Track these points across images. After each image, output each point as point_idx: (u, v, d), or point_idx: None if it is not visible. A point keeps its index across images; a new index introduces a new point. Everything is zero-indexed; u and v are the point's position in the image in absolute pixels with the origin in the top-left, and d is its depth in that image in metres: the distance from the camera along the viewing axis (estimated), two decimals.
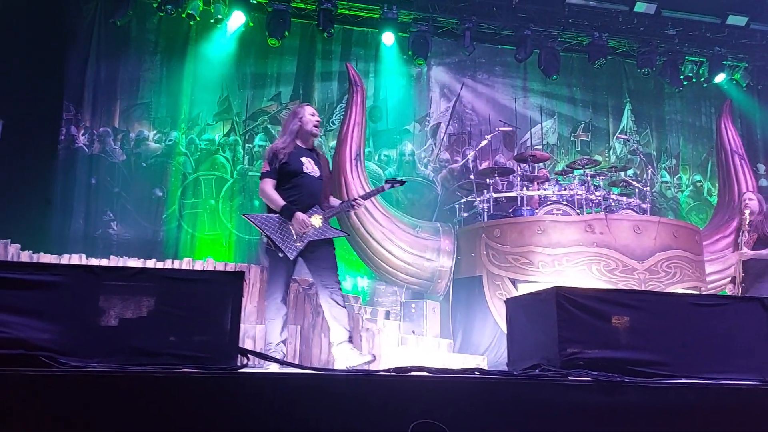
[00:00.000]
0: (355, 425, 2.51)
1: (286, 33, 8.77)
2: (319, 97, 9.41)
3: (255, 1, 8.78)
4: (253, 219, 4.32)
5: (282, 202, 4.19)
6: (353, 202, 4.53)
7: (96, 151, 8.51)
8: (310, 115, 4.37)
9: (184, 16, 8.52)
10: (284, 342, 4.30)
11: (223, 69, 9.07)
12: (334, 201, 4.62)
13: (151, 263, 5.88)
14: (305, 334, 5.62)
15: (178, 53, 8.97)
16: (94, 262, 5.80)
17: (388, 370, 2.95)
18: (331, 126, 9.29)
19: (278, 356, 4.04)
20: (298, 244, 4.16)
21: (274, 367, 3.60)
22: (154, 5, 8.56)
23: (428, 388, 2.70)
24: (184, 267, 5.89)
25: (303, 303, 5.74)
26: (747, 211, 5.68)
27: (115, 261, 5.96)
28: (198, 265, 6.03)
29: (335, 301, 4.29)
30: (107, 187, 8.45)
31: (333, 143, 8.95)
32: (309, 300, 5.74)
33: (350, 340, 4.27)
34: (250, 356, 3.29)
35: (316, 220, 4.24)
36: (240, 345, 3.00)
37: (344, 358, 4.18)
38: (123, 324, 2.74)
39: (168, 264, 6.05)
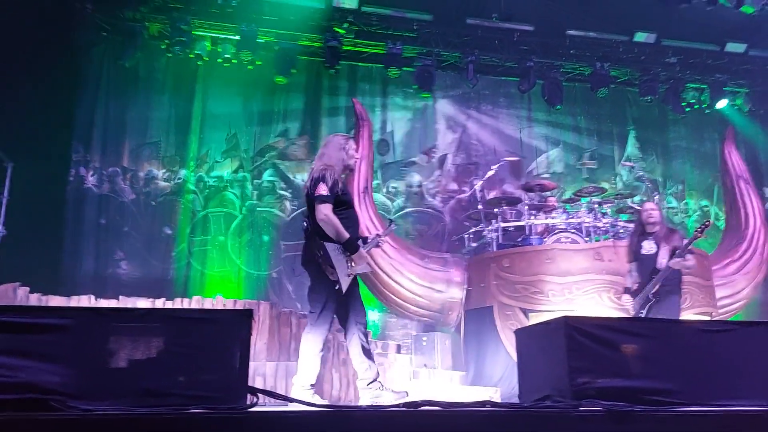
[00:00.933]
0: None
1: (293, 70, 8.95)
2: (327, 132, 9.52)
3: (262, 40, 8.98)
4: (327, 246, 4.00)
5: (347, 234, 4.02)
6: (378, 239, 4.53)
7: (105, 191, 8.62)
8: (353, 150, 4.33)
9: (191, 56, 8.72)
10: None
11: (231, 107, 9.22)
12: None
13: (160, 302, 5.90)
14: None
15: (186, 92, 9.15)
16: (103, 303, 5.81)
17: (398, 405, 2.94)
18: None
19: (309, 398, 3.82)
20: (349, 278, 4.04)
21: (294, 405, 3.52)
22: (162, 46, 8.77)
23: (438, 423, 2.69)
24: (193, 305, 5.90)
25: None
26: (651, 220, 5.50)
27: (124, 301, 5.98)
28: (207, 303, 6.04)
29: (366, 338, 4.19)
30: (117, 227, 8.53)
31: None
32: None
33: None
34: (260, 395, 3.29)
35: None
36: (250, 383, 3.01)
37: (376, 397, 3.98)
38: (132, 365, 2.76)
39: (177, 302, 6.07)
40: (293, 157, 9.37)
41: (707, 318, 6.51)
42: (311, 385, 3.94)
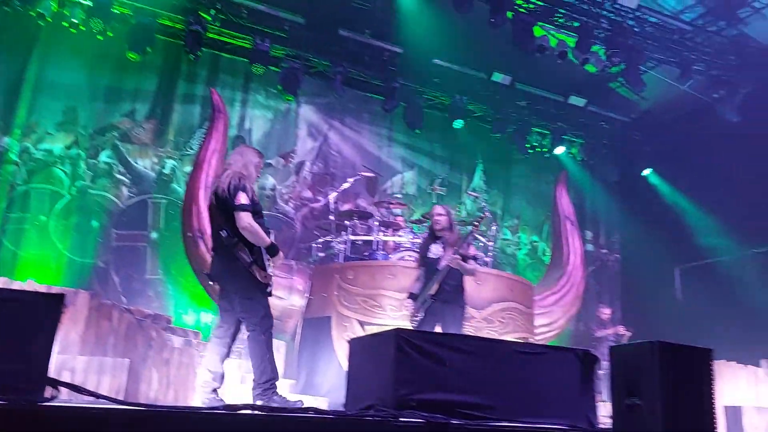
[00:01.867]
0: None
1: (149, 49, 8.36)
2: (179, 119, 9.04)
3: (117, 11, 8.32)
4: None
5: (268, 240, 4.10)
6: None
7: None
8: (261, 168, 4.41)
9: (33, 14, 7.85)
10: None
11: (74, 77, 8.41)
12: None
13: None
14: (135, 368, 5.20)
15: (22, 53, 8.21)
16: None
17: (217, 408, 2.80)
18: (188, 151, 8.94)
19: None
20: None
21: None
22: None
23: (259, 427, 2.59)
24: None
25: (135, 335, 5.32)
26: (437, 227, 5.39)
27: None
28: (16, 287, 5.39)
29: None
30: None
31: (188, 169, 8.60)
32: (142, 332, 5.34)
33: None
34: (62, 388, 2.97)
35: None
36: (55, 376, 2.71)
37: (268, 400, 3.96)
38: None
39: None
40: (137, 140, 8.74)
41: (521, 341, 6.99)
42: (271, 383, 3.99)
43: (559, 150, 11.05)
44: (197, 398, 4.10)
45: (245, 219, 3.94)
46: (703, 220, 9.98)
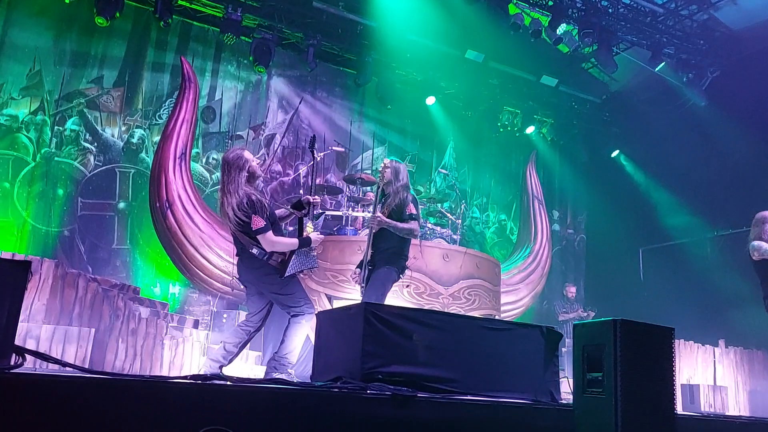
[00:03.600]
0: (142, 431, 2.36)
1: (118, 14, 8.12)
2: (147, 87, 8.84)
3: None
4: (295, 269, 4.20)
5: (296, 240, 4.25)
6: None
7: None
8: (254, 162, 4.29)
9: None
10: None
11: (39, 40, 8.16)
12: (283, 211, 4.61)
13: None
14: (100, 338, 5.17)
15: None
16: None
17: (186, 377, 2.81)
18: (157, 120, 8.77)
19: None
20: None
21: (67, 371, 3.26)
22: None
23: (226, 397, 2.62)
24: None
25: (101, 305, 5.28)
26: (382, 181, 5.04)
27: None
28: None
29: None
30: None
31: (157, 138, 8.46)
32: (108, 302, 5.30)
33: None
34: (28, 356, 2.94)
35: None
36: (20, 345, 2.68)
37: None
38: None
39: None
40: (105, 108, 8.54)
41: (487, 317, 7.14)
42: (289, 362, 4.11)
43: (530, 129, 11.15)
44: (204, 365, 4.30)
45: (268, 239, 4.09)
46: (668, 202, 10.22)
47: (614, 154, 11.39)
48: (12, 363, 2.54)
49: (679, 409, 6.34)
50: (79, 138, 8.30)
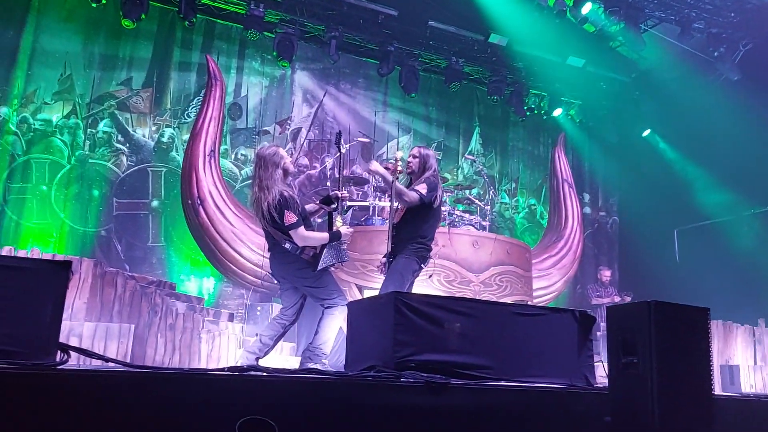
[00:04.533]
0: (182, 423, 2.43)
1: (143, 16, 8.25)
2: (175, 87, 8.98)
3: None
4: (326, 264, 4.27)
5: (327, 234, 4.31)
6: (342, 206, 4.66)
7: None
8: (288, 160, 4.36)
9: None
10: None
11: (69, 45, 8.34)
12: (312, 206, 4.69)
13: None
14: (140, 333, 5.31)
15: (16, 22, 8.11)
16: None
17: (223, 369, 2.88)
18: (186, 119, 8.91)
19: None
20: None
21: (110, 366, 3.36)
22: None
23: (262, 387, 2.68)
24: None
25: (139, 301, 5.42)
26: (408, 170, 4.87)
27: None
28: (21, 255, 5.47)
29: None
30: None
31: (187, 137, 8.59)
32: (146, 299, 5.43)
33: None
34: (73, 353, 3.05)
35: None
36: (64, 342, 2.78)
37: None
38: None
39: None
40: (135, 109, 8.70)
41: (519, 303, 7.10)
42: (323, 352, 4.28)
43: (557, 112, 11.01)
44: (240, 357, 4.42)
45: (300, 234, 4.18)
46: (703, 180, 10.01)
47: (645, 133, 11.17)
48: (57, 360, 2.64)
49: (718, 390, 6.25)
50: (112, 139, 8.49)
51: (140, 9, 8.15)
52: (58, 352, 2.66)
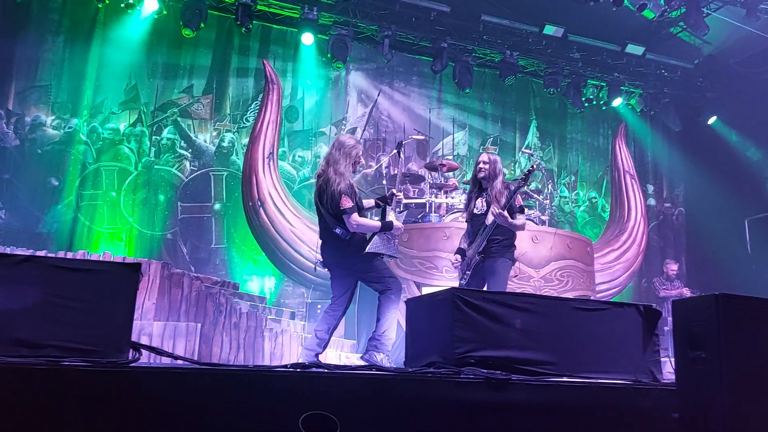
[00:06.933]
0: (247, 417, 2.51)
1: (202, 24, 8.53)
2: (234, 92, 9.24)
3: None
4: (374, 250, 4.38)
5: (378, 223, 4.45)
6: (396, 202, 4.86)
7: None
8: (360, 154, 4.57)
9: None
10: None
11: (133, 56, 8.70)
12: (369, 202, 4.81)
13: (41, 255, 5.54)
14: (206, 332, 5.50)
15: (84, 35, 8.54)
16: None
17: (286, 366, 2.96)
18: (245, 123, 9.15)
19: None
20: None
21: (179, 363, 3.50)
22: None
23: (324, 383, 2.73)
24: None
25: (205, 302, 5.61)
26: (481, 175, 4.94)
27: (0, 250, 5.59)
28: (94, 259, 5.76)
29: None
30: None
31: (246, 141, 8.82)
32: (211, 299, 5.62)
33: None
34: (144, 351, 3.19)
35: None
36: (136, 340, 2.92)
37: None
38: (5, 315, 2.59)
39: (60, 256, 5.73)
40: (196, 115, 9.01)
41: (581, 298, 6.95)
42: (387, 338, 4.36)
43: (617, 102, 10.69)
44: (300, 355, 4.56)
45: (354, 220, 4.31)
46: None
47: (711, 120, 10.72)
48: (130, 357, 2.77)
49: None
50: (175, 146, 8.81)
51: (199, 18, 8.43)
52: (131, 350, 2.78)
